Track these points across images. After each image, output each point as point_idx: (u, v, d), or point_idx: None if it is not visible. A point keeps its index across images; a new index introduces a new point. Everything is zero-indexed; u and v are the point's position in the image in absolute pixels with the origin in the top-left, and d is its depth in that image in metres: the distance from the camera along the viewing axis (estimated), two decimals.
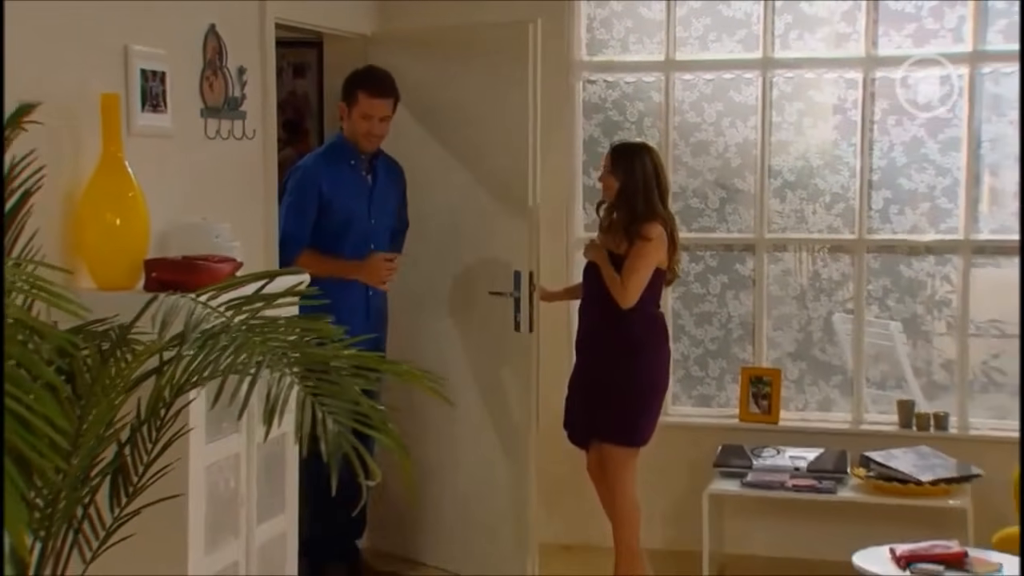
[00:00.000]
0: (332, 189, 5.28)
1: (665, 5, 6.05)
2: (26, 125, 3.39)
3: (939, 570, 3.86)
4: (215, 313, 2.64)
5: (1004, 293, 5.97)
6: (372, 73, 5.36)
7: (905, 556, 3.90)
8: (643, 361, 5.26)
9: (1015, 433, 5.77)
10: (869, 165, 5.92)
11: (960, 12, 5.81)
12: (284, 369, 2.46)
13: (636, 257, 5.14)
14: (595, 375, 5.28)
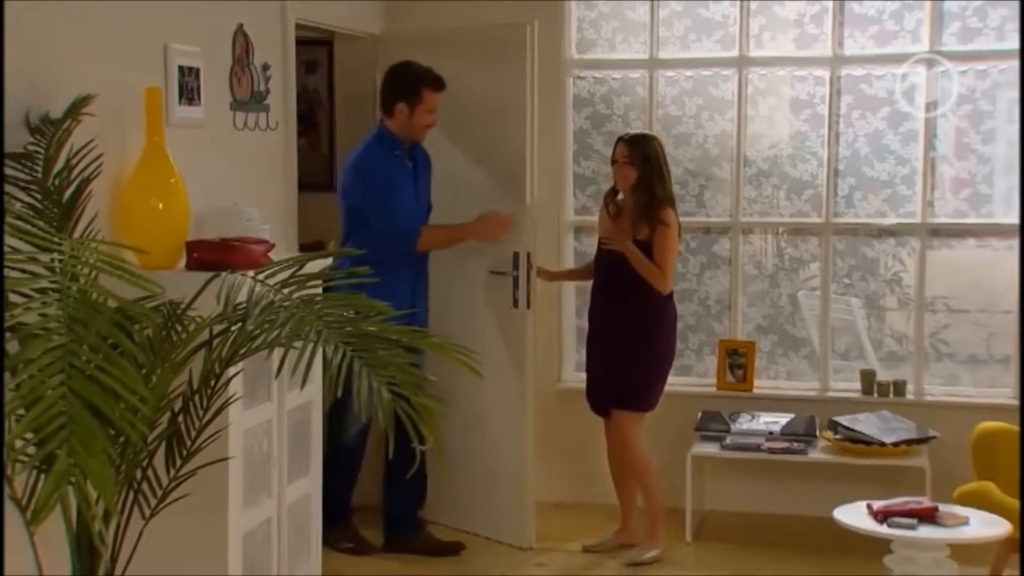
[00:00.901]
0: (396, 182, 5.23)
1: (649, 7, 6.05)
2: (81, 116, 3.42)
3: (913, 523, 3.90)
4: (272, 290, 2.63)
5: (953, 272, 6.05)
6: (430, 71, 5.25)
7: (882, 511, 3.94)
8: (657, 337, 5.30)
9: (965, 399, 5.87)
10: (835, 155, 5.94)
11: (918, 16, 5.84)
12: (338, 341, 2.46)
13: (664, 244, 5.17)
14: (615, 350, 5.29)
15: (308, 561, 4.41)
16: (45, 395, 2.16)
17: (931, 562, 3.90)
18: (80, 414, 2.19)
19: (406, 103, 5.19)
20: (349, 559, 5.28)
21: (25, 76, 3.36)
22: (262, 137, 4.84)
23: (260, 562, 4.02)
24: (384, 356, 2.45)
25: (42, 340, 2.23)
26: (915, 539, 3.87)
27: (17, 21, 3.26)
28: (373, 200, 5.16)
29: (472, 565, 5.30)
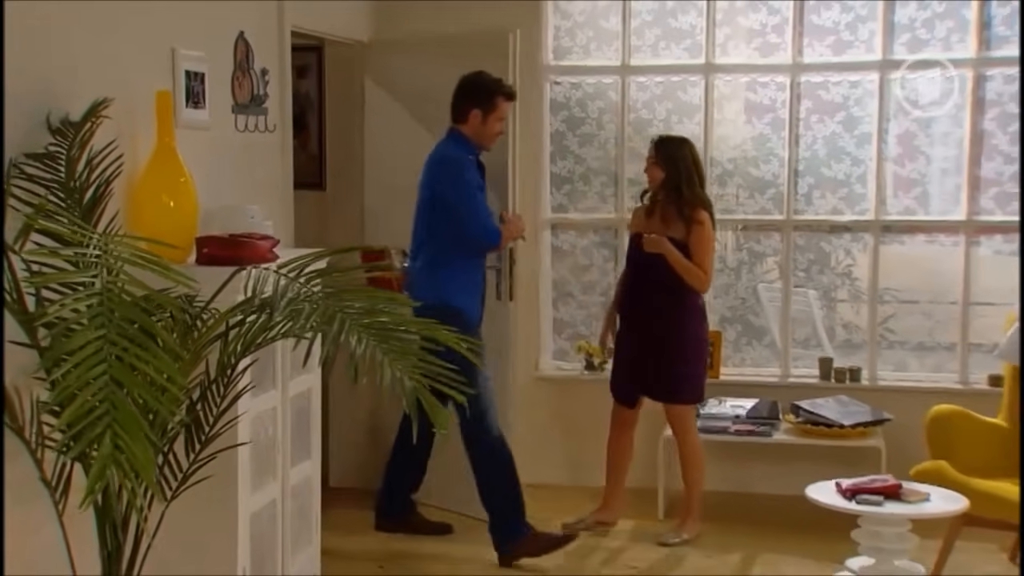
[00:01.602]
0: (471, 175, 5.10)
1: (621, 18, 6.07)
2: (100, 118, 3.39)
3: (879, 500, 3.94)
4: (296, 284, 2.63)
5: (903, 266, 6.12)
6: (502, 80, 5.17)
7: (850, 489, 3.98)
8: (700, 330, 5.32)
9: (915, 383, 5.93)
10: (795, 156, 5.99)
11: (871, 27, 5.90)
12: (360, 332, 2.46)
13: (702, 243, 5.17)
14: (662, 347, 5.25)
15: (309, 539, 4.41)
16: (89, 383, 2.15)
17: (895, 536, 3.95)
18: (121, 401, 2.19)
19: (480, 110, 5.06)
20: (344, 537, 5.25)
21: (44, 80, 3.33)
22: (261, 139, 4.82)
23: (266, 541, 4.01)
24: (404, 345, 2.45)
25: (84, 332, 2.22)
26: (881, 515, 3.91)
27: (35, 28, 3.24)
28: (465, 195, 5.00)
29: (460, 544, 5.28)
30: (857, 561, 4.00)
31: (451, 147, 5.12)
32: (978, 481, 4.57)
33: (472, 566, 5.04)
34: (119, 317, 2.25)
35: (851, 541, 4.18)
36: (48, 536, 3.05)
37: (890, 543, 3.93)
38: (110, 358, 2.20)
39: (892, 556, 3.93)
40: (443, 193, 5.04)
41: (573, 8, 6.16)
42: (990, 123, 5.85)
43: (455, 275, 5.04)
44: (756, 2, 6.00)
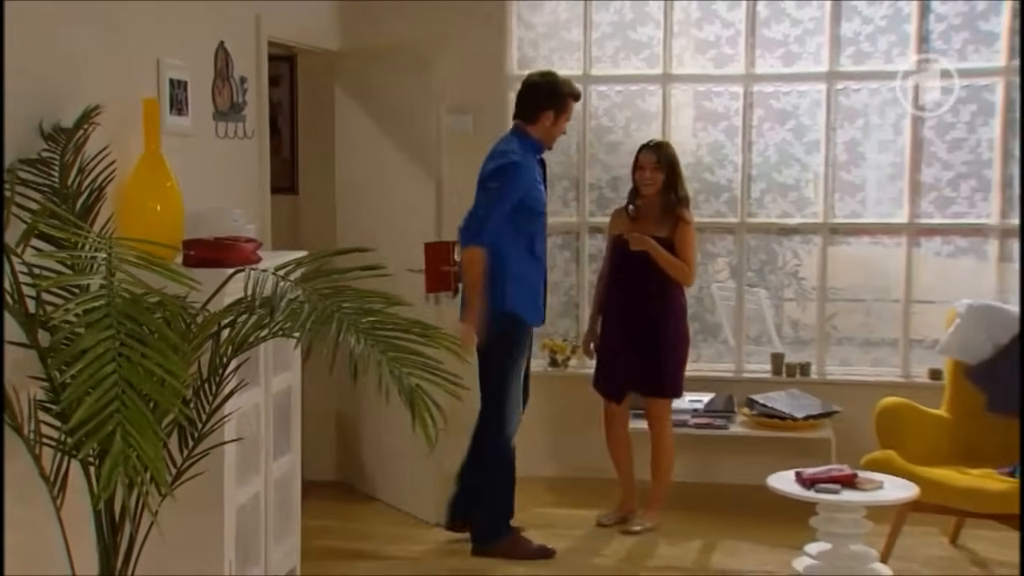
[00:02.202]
0: (533, 181, 4.93)
1: (582, 29, 6.10)
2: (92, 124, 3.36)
3: (837, 488, 3.99)
4: (294, 285, 2.62)
5: (850, 266, 6.19)
6: (570, 81, 5.07)
7: (809, 478, 4.03)
8: (682, 327, 5.34)
9: (861, 377, 6.02)
10: (749, 162, 6.05)
11: (819, 40, 5.97)
12: (358, 332, 2.46)
13: (687, 240, 5.21)
14: (647, 344, 5.24)
15: (290, 531, 4.40)
16: (100, 383, 2.13)
17: (850, 522, 4.01)
18: (131, 400, 2.17)
19: (553, 111, 4.94)
20: (323, 530, 5.23)
21: (36, 87, 3.29)
22: (240, 145, 4.79)
23: (250, 533, 4.00)
24: (400, 345, 2.45)
25: (93, 332, 2.20)
26: (839, 502, 3.96)
27: (29, 36, 3.20)
28: (490, 194, 4.82)
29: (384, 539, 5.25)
30: (816, 546, 4.05)
31: (518, 148, 4.92)
32: (924, 469, 4.65)
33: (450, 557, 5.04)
34: (126, 318, 2.23)
35: (806, 528, 4.23)
36: (46, 532, 3.02)
37: (846, 529, 3.99)
38: (119, 358, 2.18)
39: (848, 541, 3.99)
40: (483, 181, 4.87)
41: (537, 20, 6.19)
42: (929, 131, 5.95)
43: (515, 278, 4.87)
44: (711, 16, 6.05)
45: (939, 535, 5.18)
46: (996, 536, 5.04)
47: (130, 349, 2.22)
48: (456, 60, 6.02)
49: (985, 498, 4.56)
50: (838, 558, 3.99)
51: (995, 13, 5.86)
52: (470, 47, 6.06)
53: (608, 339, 5.39)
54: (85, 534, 3.03)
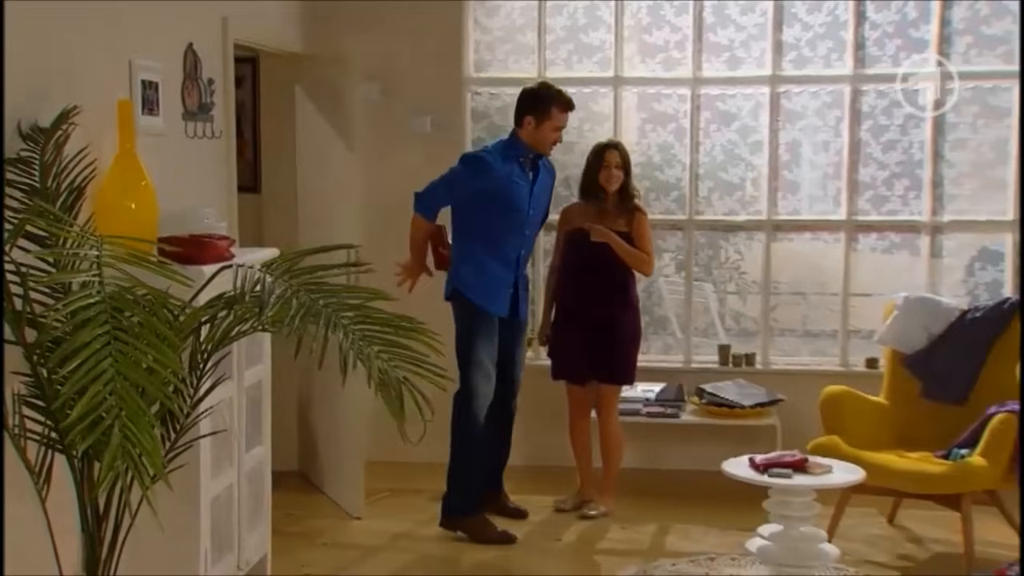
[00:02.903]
0: (504, 180, 5.02)
1: (537, 34, 6.11)
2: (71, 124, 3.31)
3: (789, 473, 4.04)
4: (283, 282, 2.60)
5: (790, 261, 6.27)
6: (561, 91, 5.12)
7: (763, 463, 4.07)
8: (637, 318, 5.38)
9: (803, 367, 6.10)
10: (696, 161, 6.09)
11: (762, 45, 6.04)
12: (345, 327, 2.45)
13: (645, 231, 5.29)
14: (607, 332, 5.26)
15: (261, 520, 4.37)
16: (99, 378, 2.11)
17: (801, 504, 4.06)
18: (128, 393, 2.15)
19: (534, 117, 5.06)
20: (289, 520, 5.19)
21: (12, 88, 3.22)
22: (208, 144, 4.74)
23: (224, 522, 3.97)
24: (387, 339, 2.44)
25: (89, 328, 2.17)
26: (792, 486, 4.02)
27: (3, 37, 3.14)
28: (446, 174, 5.08)
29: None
30: (768, 528, 4.11)
31: (497, 149, 5.14)
32: (866, 453, 4.73)
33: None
34: (118, 314, 2.21)
35: (756, 511, 4.28)
36: (29, 524, 2.97)
37: (797, 511, 4.05)
38: (115, 353, 2.15)
39: (799, 523, 4.05)
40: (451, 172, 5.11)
41: (493, 24, 6.19)
42: (865, 133, 6.04)
43: (471, 263, 5.07)
44: (660, 21, 6.09)
45: (878, 515, 5.27)
46: (930, 515, 5.15)
47: (124, 344, 2.19)
48: (414, 63, 6.03)
49: (924, 480, 4.65)
50: (789, 539, 4.04)
51: (925, 21, 5.96)
52: (428, 50, 6.06)
53: (565, 329, 5.40)
54: (67, 527, 2.99)
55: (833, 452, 4.62)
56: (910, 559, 4.83)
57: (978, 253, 6.10)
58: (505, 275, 5.11)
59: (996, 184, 6.01)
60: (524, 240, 5.18)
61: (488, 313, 5.07)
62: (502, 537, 4.99)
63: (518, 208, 5.08)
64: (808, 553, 4.04)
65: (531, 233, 5.26)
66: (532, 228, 5.25)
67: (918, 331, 5.19)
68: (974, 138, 6.02)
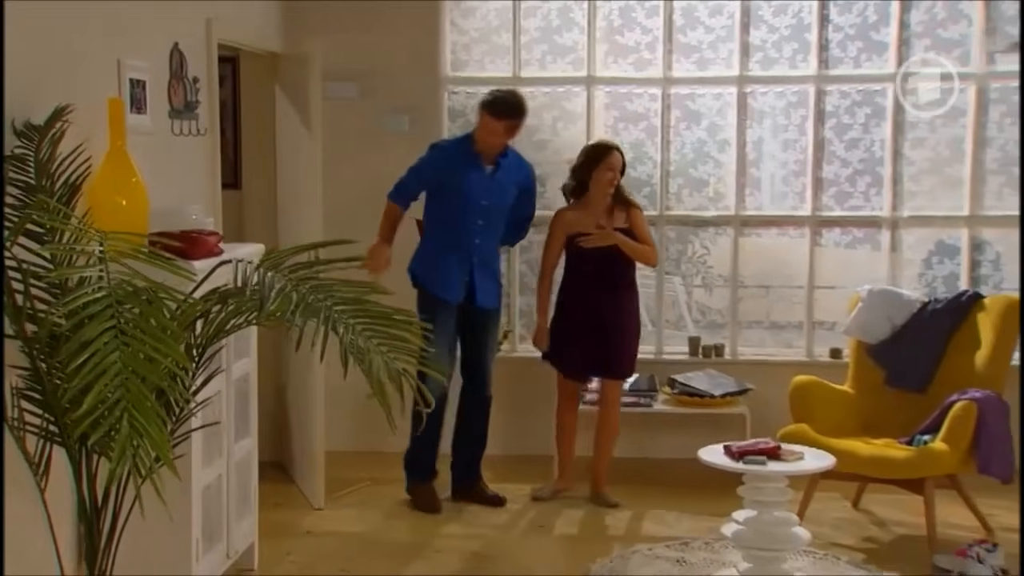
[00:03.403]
0: (452, 171, 5.15)
1: (512, 35, 6.12)
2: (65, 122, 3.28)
3: (763, 460, 4.08)
4: (282, 277, 2.59)
5: (757, 255, 6.32)
6: (497, 100, 5.14)
7: (738, 451, 4.11)
8: (638, 316, 5.41)
9: (769, 357, 6.16)
10: (667, 159, 6.13)
11: (730, 47, 6.09)
12: (346, 320, 2.45)
13: (644, 222, 5.34)
14: (610, 328, 5.28)
15: (249, 509, 4.37)
16: (107, 371, 2.10)
17: (775, 490, 4.10)
18: (136, 386, 2.14)
19: (478, 116, 5.21)
20: (278, 507, 5.17)
21: (7, 86, 3.20)
22: (194, 141, 4.71)
23: (214, 511, 3.97)
24: (385, 332, 2.44)
25: (96, 322, 2.16)
26: (766, 473, 4.05)
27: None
28: (415, 164, 5.25)
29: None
30: (742, 513, 4.14)
31: (455, 141, 5.36)
32: (833, 440, 4.78)
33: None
34: (124, 308, 2.20)
35: (728, 497, 4.31)
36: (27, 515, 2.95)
37: (770, 496, 4.08)
38: (122, 347, 2.15)
39: (772, 508, 4.09)
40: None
41: (469, 25, 6.19)
42: (829, 132, 6.11)
43: (425, 250, 5.25)
44: (631, 23, 6.12)
45: (843, 500, 5.34)
46: (892, 499, 5.23)
47: (130, 338, 2.18)
48: (392, 63, 6.03)
49: (889, 465, 4.72)
50: (763, 524, 4.08)
51: (884, 24, 6.04)
52: (406, 51, 6.05)
53: (572, 327, 5.34)
54: (59, 520, 2.98)
55: (802, 439, 4.67)
56: (875, 541, 4.90)
57: (935, 247, 6.19)
58: (459, 262, 5.17)
59: (952, 181, 6.10)
60: (478, 229, 5.16)
61: (439, 298, 5.12)
62: (432, 507, 5.17)
63: (467, 197, 5.14)
64: (781, 537, 4.08)
65: (487, 224, 5.21)
66: (489, 219, 5.21)
67: (882, 322, 5.26)
68: (932, 137, 6.11)
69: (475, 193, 5.15)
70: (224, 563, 4.07)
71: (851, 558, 4.59)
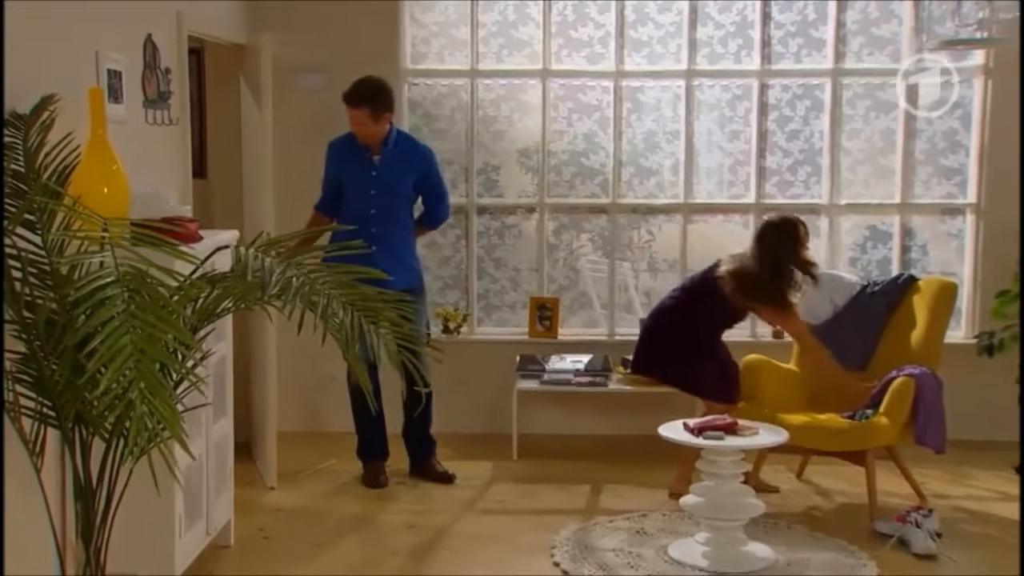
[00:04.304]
0: (340, 165, 5.24)
1: (470, 29, 6.12)
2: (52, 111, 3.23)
3: (721, 435, 4.16)
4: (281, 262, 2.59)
5: (704, 240, 6.39)
6: (351, 86, 5.14)
7: (697, 427, 4.18)
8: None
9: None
10: (619, 149, 6.18)
11: (679, 42, 6.15)
12: (345, 303, 2.46)
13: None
14: None
15: (226, 487, 4.35)
16: (120, 352, 2.09)
17: (730, 463, 4.19)
18: (147, 367, 2.13)
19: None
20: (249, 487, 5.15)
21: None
22: (166, 131, 4.66)
23: (195, 490, 3.95)
24: (385, 315, 2.46)
25: (107, 307, 2.15)
26: (725, 447, 4.14)
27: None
28: (325, 164, 5.35)
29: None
30: (700, 486, 4.23)
31: (341, 137, 5.30)
32: (782, 415, 4.87)
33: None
34: (135, 291, 2.19)
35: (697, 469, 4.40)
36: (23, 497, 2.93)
37: (727, 469, 4.17)
38: (132, 329, 2.14)
39: (729, 480, 4.18)
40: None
41: (428, 19, 6.18)
42: (772, 124, 6.22)
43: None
44: (584, 18, 6.15)
45: (787, 471, 5.46)
46: (832, 470, 5.37)
47: (139, 320, 2.17)
48: (355, 55, 5.99)
49: (833, 438, 4.83)
50: (721, 495, 4.17)
51: (823, 22, 6.15)
52: (367, 43, 6.02)
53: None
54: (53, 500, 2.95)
55: (753, 415, 4.75)
56: (819, 509, 5.02)
57: (869, 233, 6.34)
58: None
59: (885, 171, 6.25)
60: (372, 218, 5.10)
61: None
62: (376, 484, 5.21)
63: (356, 187, 5.18)
64: (738, 507, 4.17)
65: (380, 212, 5.14)
66: (381, 207, 5.15)
67: (825, 304, 5.37)
68: (866, 129, 6.24)
69: (362, 184, 5.16)
70: (204, 540, 4.05)
71: (799, 526, 4.70)
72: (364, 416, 5.23)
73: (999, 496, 5.24)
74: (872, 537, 4.57)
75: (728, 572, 4.09)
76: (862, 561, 4.27)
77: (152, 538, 3.63)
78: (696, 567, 4.13)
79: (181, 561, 3.77)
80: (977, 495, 5.24)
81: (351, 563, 4.30)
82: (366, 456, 5.35)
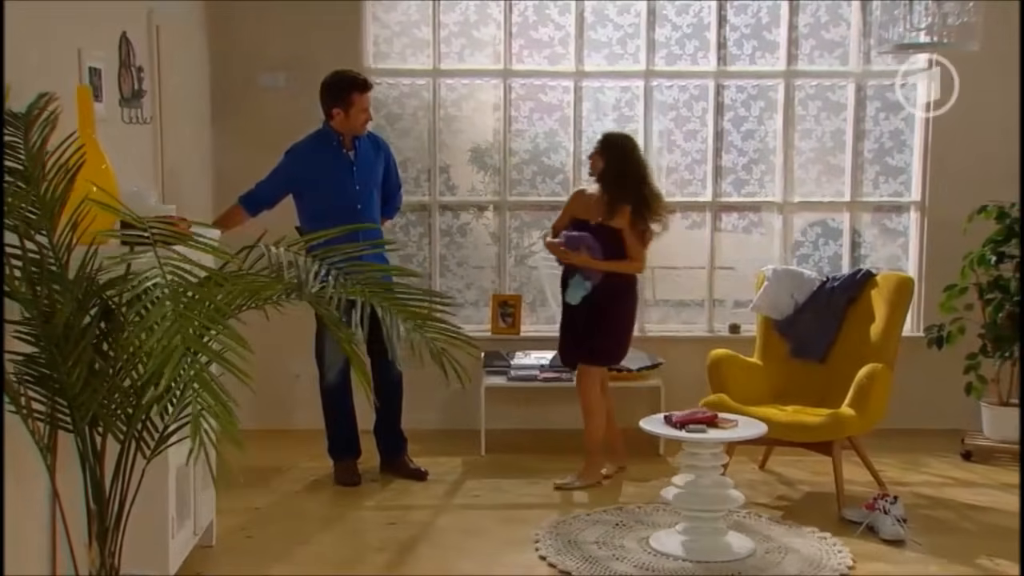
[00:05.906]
0: (319, 169, 5.09)
1: (432, 28, 6.16)
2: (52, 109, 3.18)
3: (703, 428, 4.26)
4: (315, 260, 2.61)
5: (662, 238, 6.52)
6: (355, 76, 5.07)
7: (679, 420, 4.27)
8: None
9: (675, 333, 6.38)
10: (580, 147, 6.27)
11: (637, 43, 6.27)
12: (380, 300, 2.49)
13: (635, 231, 5.25)
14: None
15: (208, 485, 4.33)
16: (173, 353, 2.10)
17: (710, 456, 4.30)
18: (199, 367, 2.14)
19: (341, 108, 5.04)
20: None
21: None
22: (141, 129, 4.62)
23: (184, 488, 3.93)
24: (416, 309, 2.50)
25: (157, 309, 2.15)
26: (706, 440, 4.24)
27: None
28: (272, 171, 5.16)
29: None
30: (681, 477, 4.33)
31: (308, 142, 5.18)
32: (750, 408, 5.00)
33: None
34: (183, 293, 2.20)
35: (652, 464, 4.52)
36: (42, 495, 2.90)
37: (707, 462, 4.28)
38: (184, 330, 2.15)
39: (709, 472, 4.29)
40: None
41: (390, 19, 6.20)
42: (727, 123, 6.37)
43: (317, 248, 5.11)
44: (544, 19, 6.23)
45: (750, 462, 5.61)
46: (793, 461, 5.54)
47: (188, 321, 2.19)
48: (318, 54, 5.98)
49: (800, 429, 4.97)
50: (701, 487, 4.27)
51: (776, 25, 6.33)
52: (330, 42, 6.03)
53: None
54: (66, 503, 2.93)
55: (722, 407, 4.87)
56: (787, 499, 5.17)
57: (821, 230, 6.53)
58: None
59: (835, 170, 6.46)
60: (359, 212, 5.12)
61: None
62: (350, 482, 5.23)
63: (341, 188, 5.10)
64: (718, 498, 4.28)
65: (365, 206, 5.15)
66: (364, 201, 5.16)
67: (786, 299, 5.53)
68: (817, 129, 6.44)
69: (345, 180, 5.11)
70: (192, 540, 4.03)
71: (770, 515, 4.84)
72: (337, 414, 5.24)
73: (952, 482, 5.46)
74: (841, 524, 4.72)
75: (709, 561, 4.20)
76: (836, 548, 4.42)
77: (148, 539, 3.61)
78: (679, 557, 4.23)
79: (174, 561, 3.75)
80: (932, 481, 5.45)
81: (338, 560, 4.31)
82: (338, 454, 5.35)
